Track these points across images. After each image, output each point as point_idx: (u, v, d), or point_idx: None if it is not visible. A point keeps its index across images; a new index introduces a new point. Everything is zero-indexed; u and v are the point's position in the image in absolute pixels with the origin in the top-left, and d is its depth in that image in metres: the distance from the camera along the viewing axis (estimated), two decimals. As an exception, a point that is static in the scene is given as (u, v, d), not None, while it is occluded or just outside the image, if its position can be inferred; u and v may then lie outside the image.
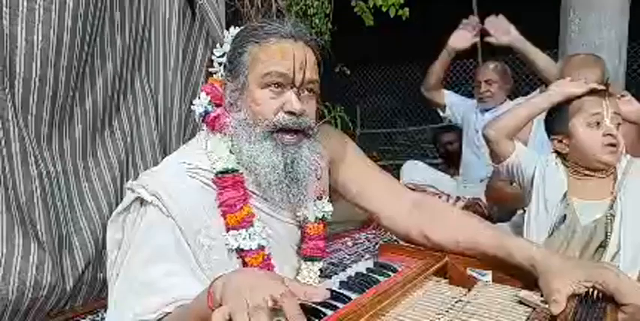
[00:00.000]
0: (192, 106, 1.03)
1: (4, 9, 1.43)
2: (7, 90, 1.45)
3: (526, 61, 2.37)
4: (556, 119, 1.55)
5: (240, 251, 0.97)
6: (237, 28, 1.05)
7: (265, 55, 0.96)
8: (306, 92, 0.99)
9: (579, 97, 1.50)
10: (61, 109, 1.61)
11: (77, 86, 1.65)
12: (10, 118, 1.45)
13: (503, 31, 2.34)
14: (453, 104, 3.05)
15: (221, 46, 1.04)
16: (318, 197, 1.08)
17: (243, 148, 0.97)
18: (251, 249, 0.96)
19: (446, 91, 3.10)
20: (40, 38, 1.48)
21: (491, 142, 1.62)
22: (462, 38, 2.71)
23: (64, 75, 1.57)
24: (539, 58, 2.31)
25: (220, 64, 1.03)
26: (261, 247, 0.98)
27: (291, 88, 0.96)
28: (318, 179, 1.05)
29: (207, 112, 1.02)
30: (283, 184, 0.96)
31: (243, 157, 0.97)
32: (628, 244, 1.40)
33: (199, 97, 1.03)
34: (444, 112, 3.11)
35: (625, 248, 1.39)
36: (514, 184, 1.75)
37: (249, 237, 0.96)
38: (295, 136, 0.97)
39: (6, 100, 1.44)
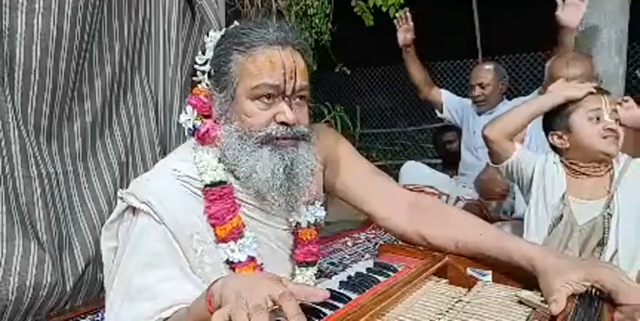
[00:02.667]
0: (180, 120, 1.00)
1: (4, 2, 1.43)
2: (7, 92, 1.45)
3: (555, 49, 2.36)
4: (555, 115, 1.56)
5: (230, 263, 0.96)
6: (217, 32, 1.01)
7: (254, 66, 0.93)
8: (297, 99, 0.97)
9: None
10: (61, 110, 1.61)
11: (77, 87, 1.65)
12: (9, 119, 1.46)
13: (572, 12, 2.28)
14: (450, 105, 3.05)
15: (203, 54, 1.00)
16: (310, 202, 1.07)
17: (240, 159, 0.95)
18: (240, 261, 0.96)
19: (443, 91, 3.11)
20: (39, 36, 1.48)
21: (490, 142, 1.62)
22: (403, 32, 2.87)
23: (63, 77, 1.57)
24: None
25: (203, 72, 1.00)
26: (252, 259, 0.97)
27: (283, 98, 0.94)
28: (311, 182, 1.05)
29: (195, 128, 0.99)
30: (284, 187, 0.95)
31: (239, 168, 0.96)
32: (626, 242, 1.41)
33: (186, 112, 1.00)
34: (441, 112, 3.11)
35: (623, 247, 1.40)
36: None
37: (239, 249, 0.96)
38: (291, 141, 0.96)
39: (6, 102, 1.44)
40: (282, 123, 0.94)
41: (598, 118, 1.47)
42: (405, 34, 2.86)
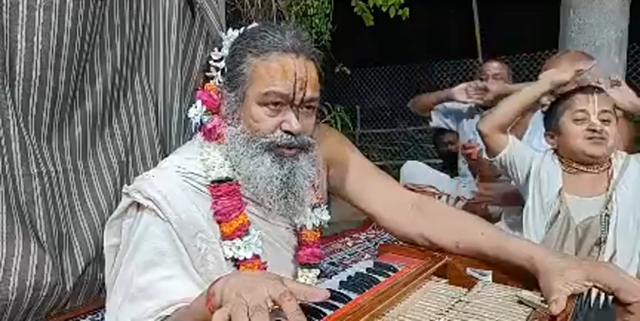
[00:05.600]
0: (189, 114, 1.01)
1: (4, 9, 1.43)
2: (7, 89, 1.45)
3: None
4: (549, 116, 1.58)
5: (235, 260, 0.97)
6: (235, 30, 1.01)
7: (266, 71, 0.93)
8: (305, 109, 0.97)
9: (572, 92, 1.51)
10: (61, 109, 1.61)
11: (77, 86, 1.65)
12: (9, 117, 1.45)
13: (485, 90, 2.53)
14: (442, 112, 3.03)
15: (219, 50, 1.01)
16: (315, 205, 1.08)
17: (241, 162, 0.96)
18: (246, 258, 0.96)
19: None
20: (40, 39, 1.48)
21: (484, 136, 1.63)
22: (465, 94, 2.75)
23: (64, 75, 1.57)
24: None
25: (217, 69, 1.01)
26: (257, 256, 0.98)
27: (291, 106, 0.95)
28: (316, 190, 1.05)
29: (202, 123, 1.00)
30: (281, 195, 0.96)
31: (240, 168, 0.97)
32: (624, 243, 1.41)
33: (195, 106, 1.01)
34: (431, 121, 3.11)
35: (620, 247, 1.40)
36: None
37: (244, 247, 0.96)
38: (293, 150, 0.97)
39: (6, 99, 1.44)
40: (287, 131, 0.95)
41: (584, 119, 1.46)
42: (466, 97, 2.72)
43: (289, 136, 0.95)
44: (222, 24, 1.94)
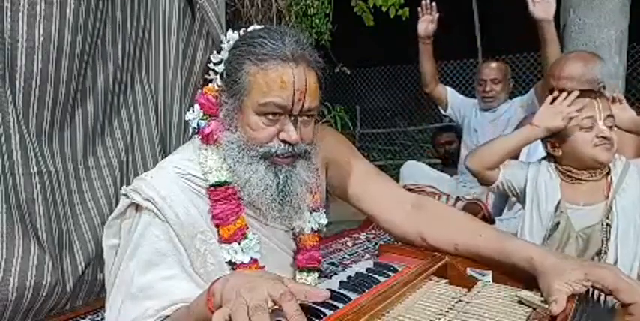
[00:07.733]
0: (186, 117, 1.01)
1: (6, 5, 1.43)
2: (7, 86, 1.44)
3: (542, 47, 2.30)
4: None
5: (232, 264, 0.97)
6: (235, 32, 1.01)
7: (264, 81, 0.91)
8: (304, 118, 0.96)
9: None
10: (62, 109, 1.61)
11: (78, 86, 1.65)
12: (10, 115, 1.45)
13: (546, 6, 2.22)
14: (455, 103, 3.05)
15: (218, 53, 1.00)
16: (314, 209, 1.08)
17: (236, 168, 0.96)
18: (243, 262, 0.96)
19: (448, 88, 3.10)
20: (41, 38, 1.48)
21: (473, 172, 1.59)
22: (425, 23, 2.80)
23: (66, 74, 1.57)
24: (553, 49, 2.25)
25: (216, 72, 1.00)
26: (255, 260, 0.98)
27: (289, 116, 0.94)
28: (314, 195, 1.05)
29: (200, 127, 1.00)
30: (276, 202, 0.96)
31: (236, 174, 0.97)
32: (624, 250, 1.38)
33: (193, 110, 1.00)
34: (445, 110, 3.10)
35: (621, 255, 1.38)
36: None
37: (242, 250, 0.96)
38: (289, 158, 0.96)
39: (6, 96, 1.44)
40: (284, 141, 0.94)
41: (591, 126, 1.42)
42: (427, 24, 2.79)
43: (286, 146, 0.94)
44: (222, 24, 1.94)
